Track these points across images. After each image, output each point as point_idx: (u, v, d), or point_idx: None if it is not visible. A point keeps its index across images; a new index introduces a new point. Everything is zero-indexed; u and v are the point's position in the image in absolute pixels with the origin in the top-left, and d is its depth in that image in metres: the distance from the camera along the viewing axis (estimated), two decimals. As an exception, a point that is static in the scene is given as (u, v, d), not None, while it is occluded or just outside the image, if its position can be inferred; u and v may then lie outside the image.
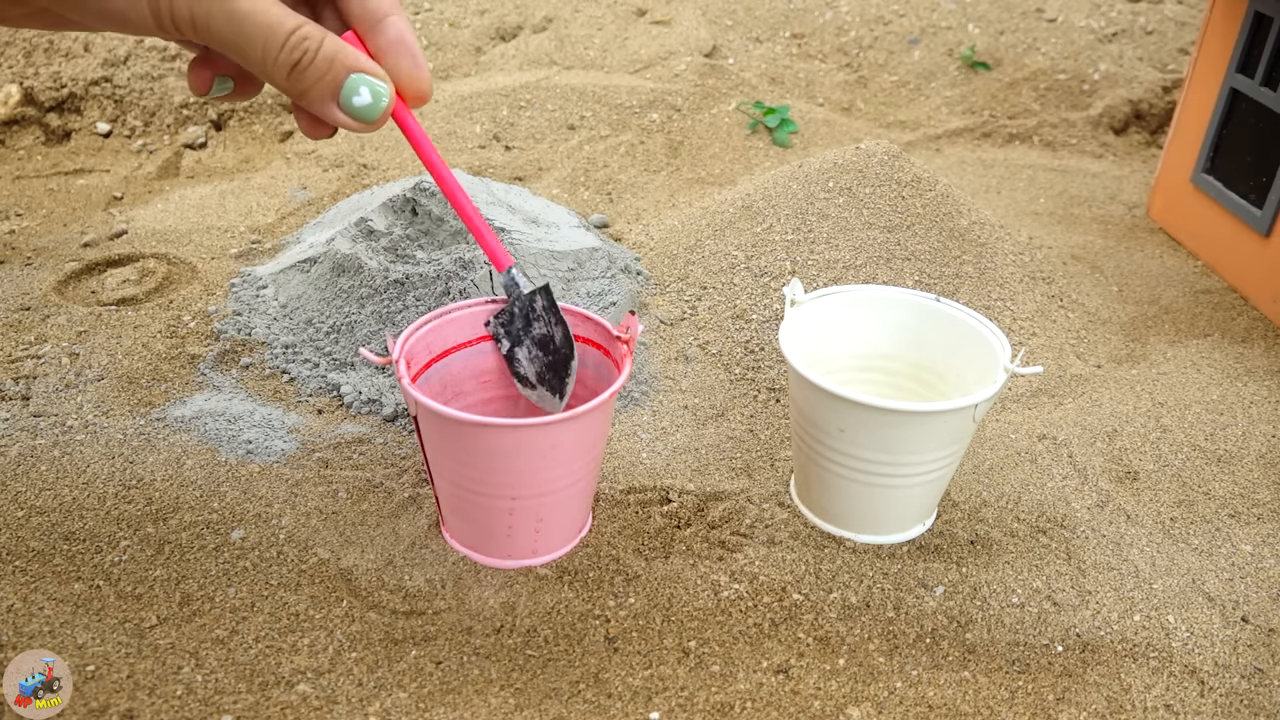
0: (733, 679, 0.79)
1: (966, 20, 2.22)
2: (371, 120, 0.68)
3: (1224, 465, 1.05)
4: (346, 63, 0.67)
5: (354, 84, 0.67)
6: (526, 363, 0.91)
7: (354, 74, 0.67)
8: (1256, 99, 1.37)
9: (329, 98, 0.67)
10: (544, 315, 0.89)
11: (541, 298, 0.88)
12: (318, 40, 0.65)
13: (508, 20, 2.16)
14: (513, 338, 0.91)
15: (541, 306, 0.89)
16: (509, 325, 0.91)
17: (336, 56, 0.66)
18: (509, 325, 0.91)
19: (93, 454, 0.98)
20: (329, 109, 0.68)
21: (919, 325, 0.99)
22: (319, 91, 0.67)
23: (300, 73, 0.65)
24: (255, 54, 0.64)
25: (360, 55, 0.67)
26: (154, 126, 1.79)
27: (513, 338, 0.91)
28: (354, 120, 0.68)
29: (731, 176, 1.69)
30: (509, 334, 0.91)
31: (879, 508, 0.91)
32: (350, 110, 0.68)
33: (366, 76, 0.67)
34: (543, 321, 0.89)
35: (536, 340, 0.90)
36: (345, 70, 0.67)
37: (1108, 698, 0.78)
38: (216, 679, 0.76)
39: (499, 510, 0.84)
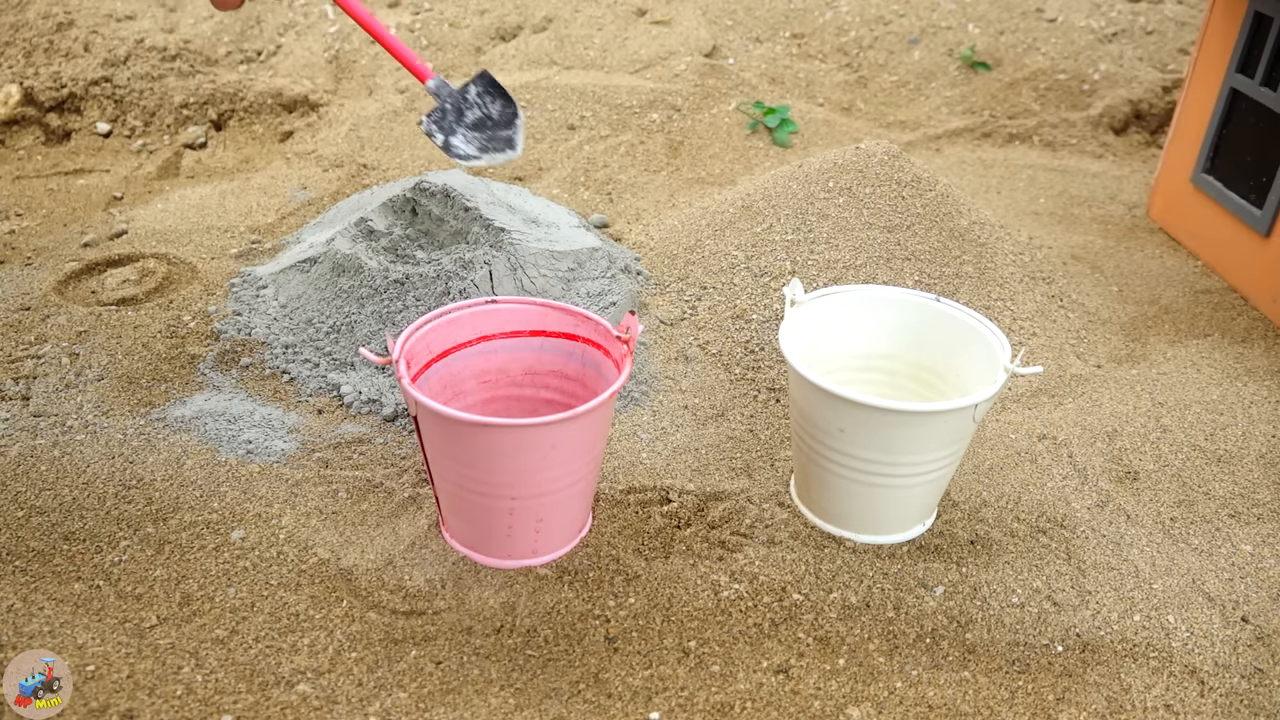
0: (733, 679, 0.79)
1: (966, 20, 2.22)
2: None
3: (1224, 465, 1.05)
4: None
5: None
6: (464, 145, 0.95)
7: None
8: (1256, 99, 1.37)
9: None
10: (477, 101, 0.95)
11: (475, 85, 0.95)
12: None
13: (508, 20, 2.16)
14: (446, 129, 0.95)
15: (475, 94, 0.95)
16: (441, 120, 0.95)
17: None
18: (441, 120, 0.95)
19: (93, 454, 0.98)
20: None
21: (919, 325, 0.99)
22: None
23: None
24: None
25: None
26: (154, 126, 1.79)
27: (446, 129, 0.95)
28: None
29: (731, 176, 1.69)
30: (441, 128, 0.95)
31: (879, 508, 0.91)
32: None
33: None
34: (476, 107, 0.95)
35: (470, 124, 0.95)
36: None
37: (1108, 698, 0.78)
38: (216, 679, 0.76)
39: (499, 510, 0.84)
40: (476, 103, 0.95)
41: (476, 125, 0.95)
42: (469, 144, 0.95)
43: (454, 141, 0.95)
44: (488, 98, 0.95)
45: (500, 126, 0.95)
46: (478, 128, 0.95)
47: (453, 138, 0.95)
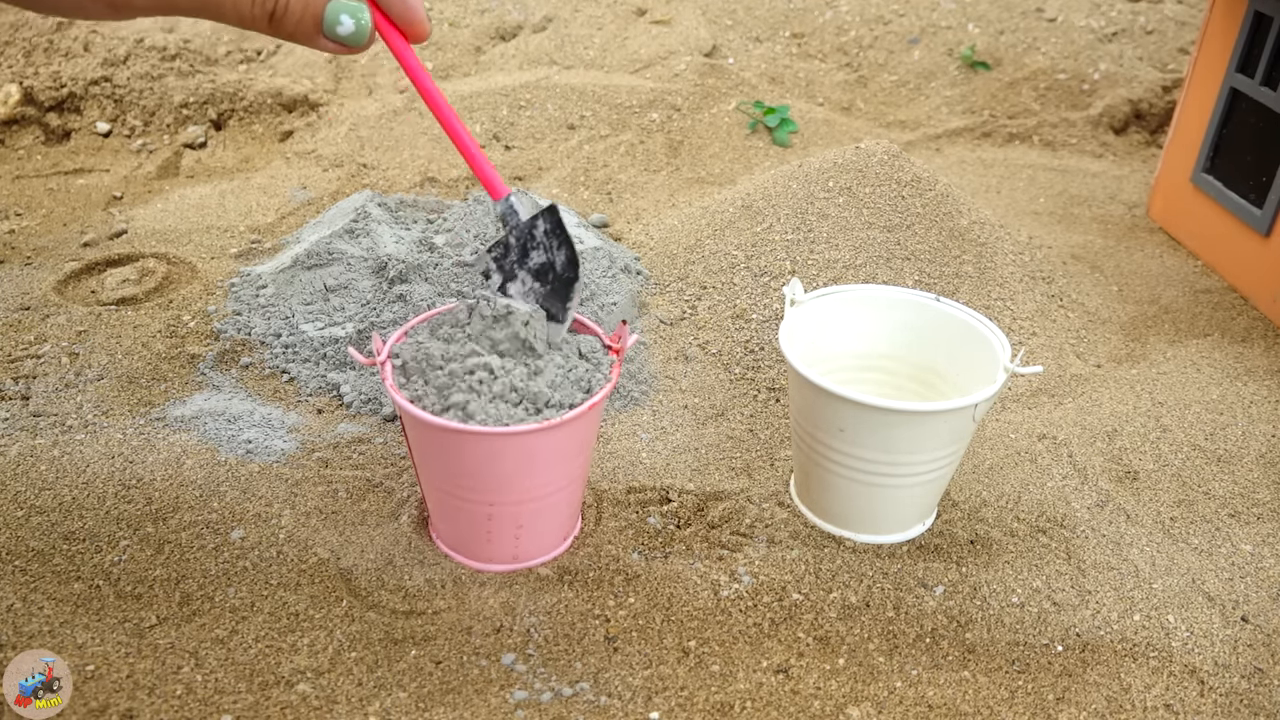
0: (733, 679, 0.79)
1: (966, 20, 2.22)
2: (360, 44, 0.70)
3: (1224, 465, 1.05)
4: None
5: (334, 13, 0.68)
6: (519, 296, 0.83)
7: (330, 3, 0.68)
8: (1256, 99, 1.37)
9: (314, 32, 0.69)
10: (544, 241, 0.81)
11: (544, 221, 0.81)
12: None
13: (508, 20, 2.16)
14: (505, 272, 0.82)
15: (543, 232, 0.81)
16: (502, 259, 0.83)
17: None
18: (502, 259, 0.83)
19: (92, 454, 0.98)
20: (318, 42, 0.69)
21: (919, 325, 0.99)
22: (304, 30, 0.68)
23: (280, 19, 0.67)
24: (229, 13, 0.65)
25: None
26: (154, 126, 1.79)
27: (505, 272, 0.82)
28: (345, 46, 0.70)
29: (731, 176, 1.69)
30: (501, 268, 0.83)
31: (879, 507, 0.91)
32: (337, 38, 0.69)
33: (343, 3, 0.68)
34: (543, 249, 0.81)
35: (533, 270, 0.82)
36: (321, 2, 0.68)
37: (1108, 698, 0.78)
38: (216, 679, 0.76)
39: (478, 515, 0.83)
40: (543, 244, 0.81)
41: (539, 273, 0.81)
42: (524, 296, 0.82)
43: (510, 289, 0.83)
44: (554, 241, 0.80)
45: (560, 288, 0.81)
46: (539, 276, 0.81)
47: (510, 284, 0.82)
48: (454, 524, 0.86)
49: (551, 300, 0.82)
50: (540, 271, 0.82)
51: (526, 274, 0.82)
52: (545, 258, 0.81)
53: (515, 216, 0.81)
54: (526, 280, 0.82)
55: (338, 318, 1.19)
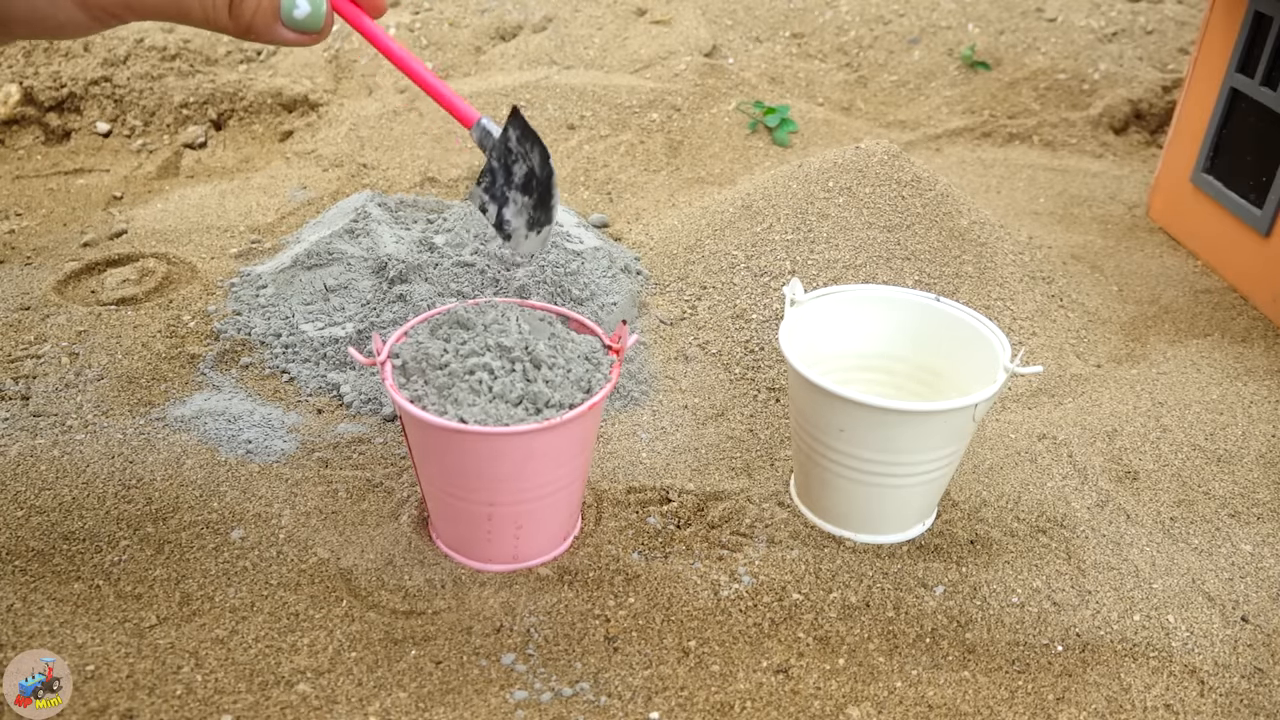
0: (733, 679, 0.79)
1: (966, 20, 2.22)
2: (317, 29, 0.70)
3: (1224, 465, 1.05)
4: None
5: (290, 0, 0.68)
6: (514, 218, 0.80)
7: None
8: (1256, 99, 1.37)
9: (272, 20, 0.68)
10: (519, 149, 0.79)
11: (513, 128, 0.79)
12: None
13: (508, 20, 2.16)
14: (499, 198, 0.81)
15: (515, 140, 0.79)
16: (492, 187, 0.81)
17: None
18: (492, 187, 0.81)
19: (92, 454, 0.98)
20: (277, 31, 0.69)
21: (919, 325, 0.99)
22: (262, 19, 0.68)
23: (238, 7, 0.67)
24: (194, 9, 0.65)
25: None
26: (154, 126, 1.79)
27: (499, 198, 0.81)
28: (303, 33, 0.70)
29: (731, 176, 1.69)
30: (494, 196, 0.81)
31: (879, 507, 0.91)
32: (296, 25, 0.69)
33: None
34: (521, 159, 0.79)
35: (520, 185, 0.80)
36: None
37: (1108, 698, 0.78)
38: (216, 679, 0.76)
39: (478, 515, 0.83)
40: (519, 152, 0.79)
41: (524, 186, 0.80)
42: (519, 215, 0.81)
43: (506, 214, 0.81)
44: (528, 144, 0.79)
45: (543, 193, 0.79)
46: (525, 189, 0.80)
47: (505, 209, 0.81)
48: (454, 524, 0.86)
49: (538, 207, 0.80)
50: (525, 183, 0.80)
51: (516, 192, 0.81)
52: (525, 166, 0.80)
53: (490, 137, 0.80)
54: (517, 199, 0.81)
55: (338, 318, 1.19)
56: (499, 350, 0.83)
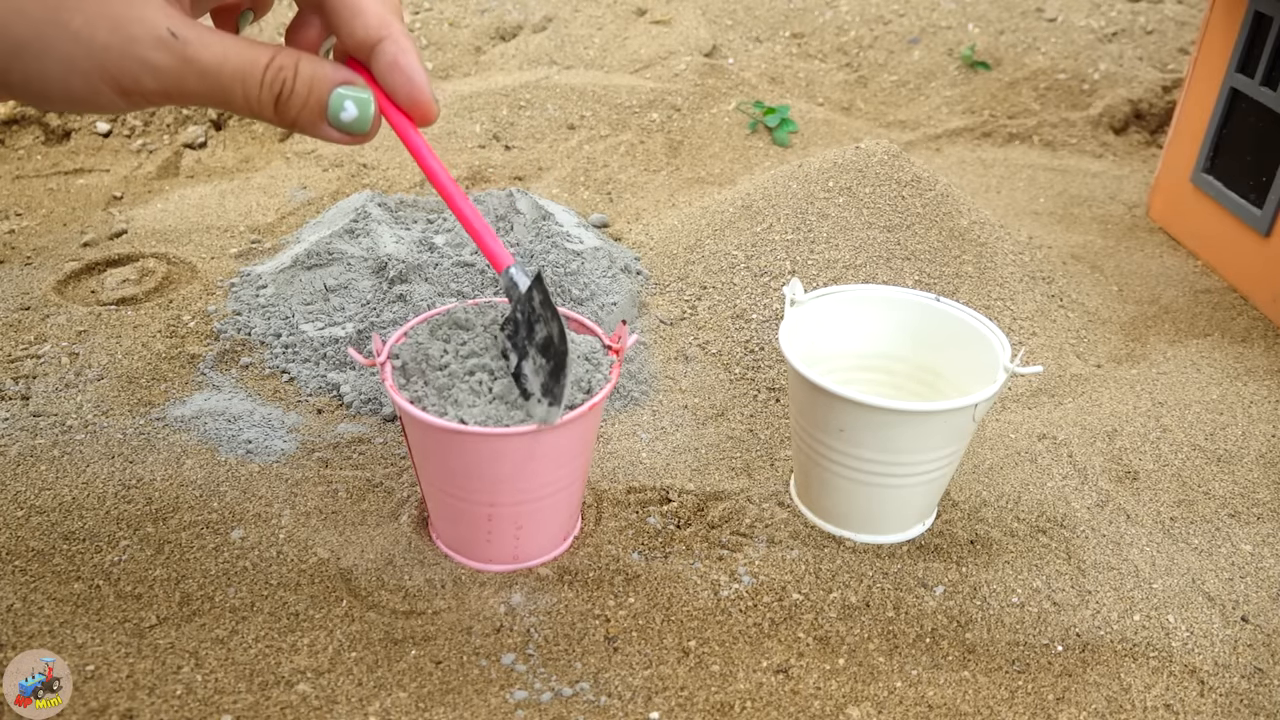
0: (733, 679, 0.79)
1: (966, 20, 2.22)
2: (364, 131, 0.68)
3: (1224, 465, 1.05)
4: (326, 81, 0.66)
5: (338, 101, 0.67)
6: (532, 376, 0.79)
7: (335, 90, 0.66)
8: (1256, 99, 1.37)
9: (319, 119, 0.67)
10: (541, 312, 0.79)
11: (537, 292, 0.78)
12: (293, 67, 0.65)
13: (508, 20, 2.16)
14: (520, 350, 0.80)
15: (539, 302, 0.79)
16: (514, 337, 0.80)
17: (314, 77, 0.66)
18: (514, 337, 0.80)
19: (92, 454, 0.98)
20: (322, 130, 0.68)
21: (919, 325, 0.99)
22: (308, 116, 0.67)
23: (285, 103, 0.66)
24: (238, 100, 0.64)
25: (338, 68, 0.67)
26: (154, 126, 1.79)
27: (520, 350, 0.80)
28: (348, 135, 0.68)
29: (731, 176, 1.69)
30: (515, 347, 0.80)
31: (879, 508, 0.91)
32: (341, 126, 0.68)
33: (347, 89, 0.67)
34: (542, 321, 0.79)
35: (540, 346, 0.79)
36: (327, 88, 0.66)
37: (1108, 698, 0.78)
38: (216, 679, 0.76)
39: (478, 516, 0.83)
40: (542, 315, 0.78)
41: (544, 348, 0.78)
42: (536, 375, 0.78)
43: (525, 369, 0.79)
44: (548, 312, 0.77)
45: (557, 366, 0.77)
46: (544, 351, 0.78)
47: (525, 362, 0.79)
48: (454, 524, 0.86)
49: (552, 377, 0.78)
50: (545, 346, 0.79)
51: (535, 352, 0.79)
52: (546, 331, 0.78)
53: (515, 290, 0.79)
54: (536, 358, 0.79)
55: (338, 318, 1.19)
56: (499, 351, 0.83)
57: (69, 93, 0.62)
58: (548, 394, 0.78)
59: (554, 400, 0.78)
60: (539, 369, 0.79)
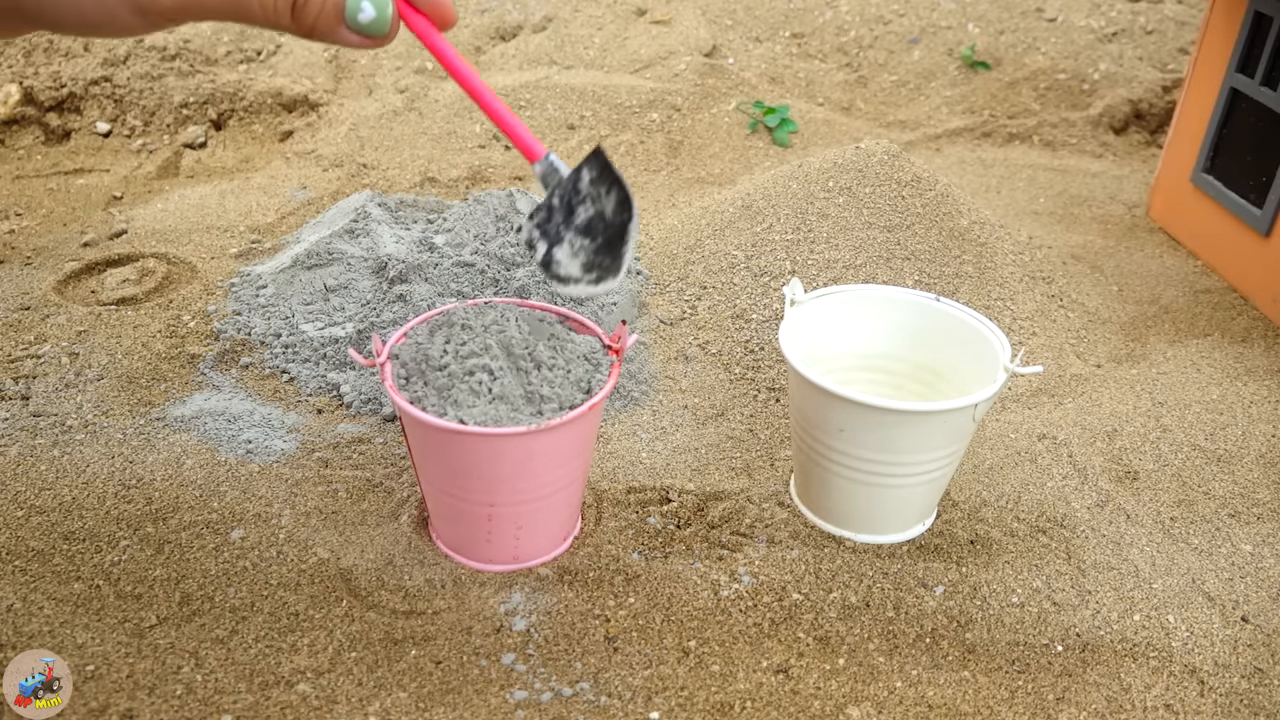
0: (733, 679, 0.79)
1: (966, 20, 2.22)
2: (383, 33, 0.68)
3: (1224, 465, 1.05)
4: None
5: (355, 2, 0.67)
6: (568, 260, 0.76)
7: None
8: (1256, 99, 1.37)
9: (336, 23, 0.67)
10: (591, 191, 0.75)
11: (589, 169, 0.75)
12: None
13: (508, 20, 2.16)
14: (551, 238, 0.76)
15: (589, 181, 0.75)
16: (546, 224, 0.77)
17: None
18: (546, 224, 0.77)
19: (92, 454, 0.98)
20: (340, 34, 0.68)
21: (919, 325, 0.99)
22: (325, 21, 0.67)
23: (302, 9, 0.66)
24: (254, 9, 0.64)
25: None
26: (154, 126, 1.79)
27: (551, 238, 0.76)
28: (367, 37, 0.68)
29: (731, 176, 1.69)
30: (545, 234, 0.77)
31: (879, 507, 0.91)
32: (360, 28, 0.68)
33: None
34: (590, 200, 0.75)
35: (581, 228, 0.75)
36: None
37: (1108, 698, 0.78)
38: (216, 679, 0.76)
39: (478, 516, 0.83)
40: (590, 194, 0.75)
41: (587, 229, 0.75)
42: (574, 258, 0.76)
43: (557, 254, 0.76)
44: (602, 188, 0.74)
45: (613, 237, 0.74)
46: (588, 232, 0.75)
47: (557, 249, 0.76)
48: (454, 524, 0.86)
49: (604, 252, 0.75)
50: (589, 226, 0.75)
51: (574, 234, 0.76)
52: (594, 209, 0.75)
53: (557, 174, 0.76)
54: (575, 241, 0.76)
55: (338, 318, 1.19)
56: (498, 351, 0.83)
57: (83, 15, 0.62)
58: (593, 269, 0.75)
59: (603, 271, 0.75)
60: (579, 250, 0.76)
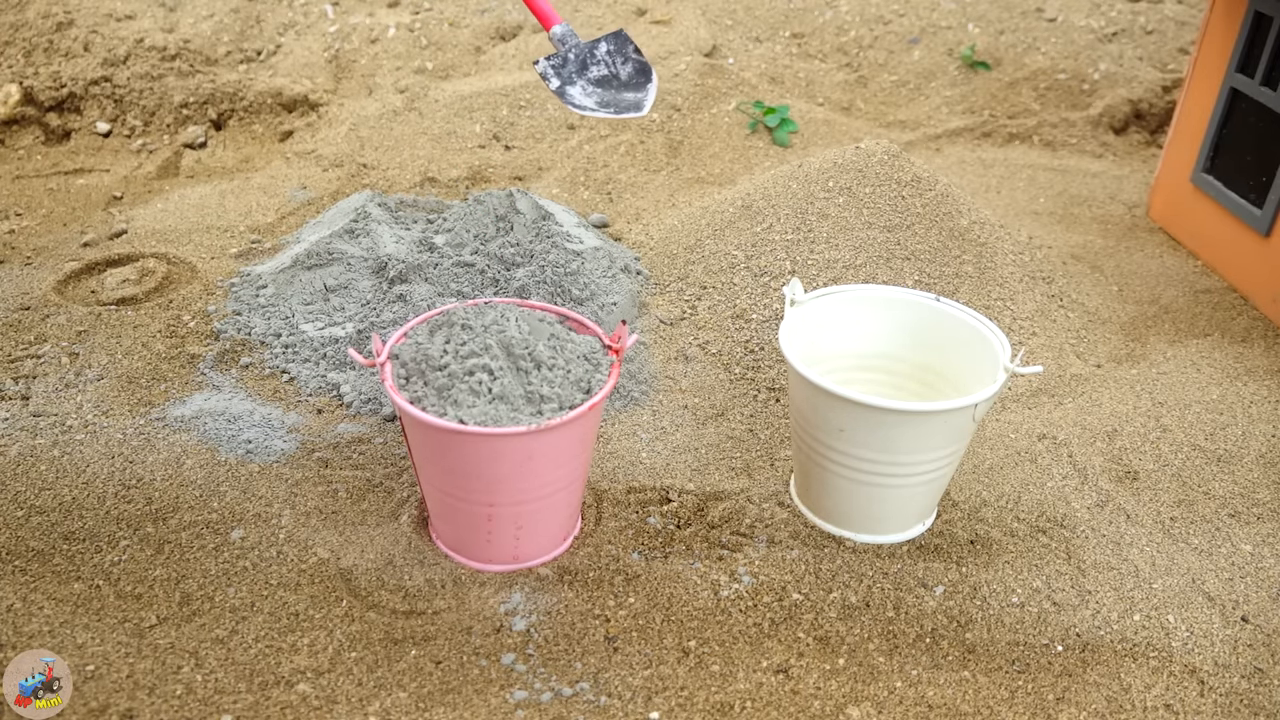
0: (733, 679, 0.79)
1: (966, 20, 2.22)
2: None
3: (1224, 465, 1.05)
4: None
5: None
6: (580, 96, 0.93)
7: None
8: (1256, 99, 1.37)
9: None
10: (605, 59, 0.92)
11: (606, 43, 0.93)
12: None
13: (508, 20, 2.16)
14: (563, 78, 0.93)
15: (604, 51, 0.92)
16: (560, 67, 0.93)
17: None
18: (560, 67, 0.93)
19: (93, 454, 0.98)
20: None
21: (919, 325, 0.99)
22: None
23: None
24: None
25: None
26: (154, 126, 1.79)
27: (563, 78, 0.93)
28: None
29: (731, 176, 1.69)
30: (559, 74, 0.93)
31: (879, 508, 0.91)
32: None
33: None
34: (603, 64, 0.93)
35: (593, 80, 0.93)
36: None
37: (1108, 697, 0.78)
38: (216, 679, 0.76)
39: (478, 516, 0.83)
40: (605, 60, 0.94)
41: (600, 82, 0.93)
42: (587, 96, 0.93)
43: (570, 91, 0.93)
44: (618, 59, 0.94)
45: (627, 88, 0.93)
46: (601, 84, 0.93)
47: (570, 87, 0.93)
48: (454, 524, 0.86)
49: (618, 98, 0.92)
50: (601, 80, 0.93)
51: (586, 82, 0.93)
52: (605, 71, 0.93)
53: (574, 37, 0.93)
54: (587, 87, 0.93)
55: (338, 318, 1.19)
56: (498, 351, 0.83)
57: None
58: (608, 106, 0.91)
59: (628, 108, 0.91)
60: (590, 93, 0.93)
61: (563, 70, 0.94)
